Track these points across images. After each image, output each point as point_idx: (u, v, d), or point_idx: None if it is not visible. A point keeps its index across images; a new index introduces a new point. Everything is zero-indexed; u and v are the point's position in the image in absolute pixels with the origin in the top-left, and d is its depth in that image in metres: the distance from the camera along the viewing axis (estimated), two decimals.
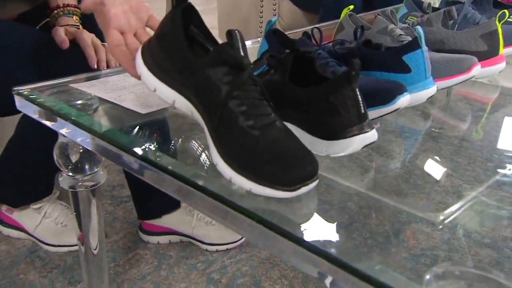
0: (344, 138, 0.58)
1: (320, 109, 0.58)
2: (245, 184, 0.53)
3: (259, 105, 0.55)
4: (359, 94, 0.57)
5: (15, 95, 0.79)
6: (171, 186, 0.58)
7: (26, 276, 1.10)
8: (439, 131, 1.03)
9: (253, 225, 0.50)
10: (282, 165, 0.51)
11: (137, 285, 1.07)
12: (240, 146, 0.53)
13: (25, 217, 1.19)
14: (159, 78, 0.62)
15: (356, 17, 0.92)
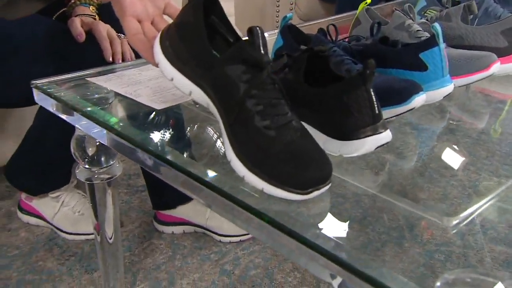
0: (357, 139, 0.57)
1: (334, 109, 0.58)
2: (257, 183, 0.53)
3: (276, 105, 0.55)
4: (374, 94, 0.57)
5: (34, 88, 0.80)
6: (184, 184, 0.58)
7: (45, 263, 1.12)
8: (456, 123, 1.02)
9: (263, 225, 0.51)
10: (296, 168, 0.51)
11: (151, 274, 1.09)
12: (255, 145, 0.54)
13: (43, 205, 1.22)
14: (177, 68, 0.62)
15: (373, 12, 0.90)
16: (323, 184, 0.52)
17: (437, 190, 1.32)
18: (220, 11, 0.64)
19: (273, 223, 0.49)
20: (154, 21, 0.71)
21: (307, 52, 0.61)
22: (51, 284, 1.06)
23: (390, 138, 0.59)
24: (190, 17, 0.61)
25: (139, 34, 0.68)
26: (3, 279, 1.07)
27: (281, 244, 0.50)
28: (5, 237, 1.21)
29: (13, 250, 1.16)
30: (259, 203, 0.52)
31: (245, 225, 0.54)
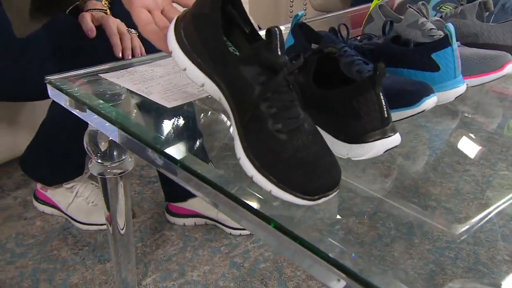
0: (365, 142, 0.57)
1: (343, 112, 0.58)
2: (266, 185, 0.54)
3: (289, 108, 0.55)
4: (383, 98, 0.56)
5: (47, 84, 0.81)
6: (192, 184, 0.59)
7: (59, 252, 1.15)
8: (472, 116, 1.00)
9: (268, 228, 0.51)
10: (305, 175, 0.51)
11: (162, 266, 1.11)
12: (265, 148, 0.54)
13: (58, 195, 1.24)
14: (190, 59, 0.61)
15: (386, 8, 0.89)
16: (331, 191, 0.52)
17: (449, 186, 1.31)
18: (237, 1, 0.63)
19: (279, 227, 0.50)
20: (164, 10, 0.70)
21: (317, 53, 0.61)
22: (65, 273, 1.08)
23: (399, 142, 0.59)
24: (207, 8, 0.60)
25: (151, 24, 0.67)
26: (19, 267, 1.10)
27: (285, 247, 0.51)
28: (21, 226, 1.24)
29: (29, 239, 1.19)
30: (265, 206, 0.53)
31: (251, 227, 0.54)
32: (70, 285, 1.05)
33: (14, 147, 1.28)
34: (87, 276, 1.08)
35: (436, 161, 1.23)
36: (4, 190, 1.38)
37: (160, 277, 1.08)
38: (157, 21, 0.68)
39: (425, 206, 1.36)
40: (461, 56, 0.77)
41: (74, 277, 1.07)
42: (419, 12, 0.81)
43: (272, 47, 0.54)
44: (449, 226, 0.80)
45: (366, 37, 0.76)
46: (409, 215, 1.22)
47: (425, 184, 1.40)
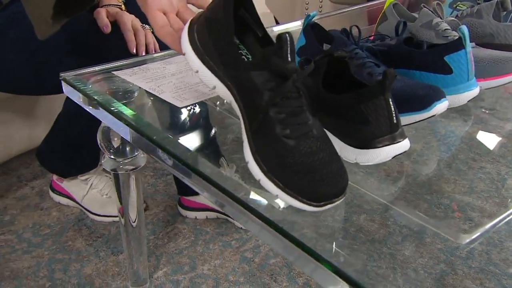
0: (374, 148, 0.57)
1: (351, 117, 0.58)
2: (272, 189, 0.54)
3: (298, 113, 0.55)
4: (392, 103, 0.56)
5: (62, 81, 0.82)
6: (200, 186, 0.60)
7: (74, 243, 1.17)
8: (489, 112, 0.99)
9: (272, 233, 0.52)
10: (311, 182, 0.52)
11: (174, 259, 1.13)
12: (273, 153, 0.54)
13: (73, 187, 1.27)
14: (203, 62, 0.62)
15: (401, 7, 0.88)
16: (337, 198, 0.52)
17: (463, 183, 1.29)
18: (250, 4, 0.63)
19: (283, 232, 0.50)
20: (179, 12, 0.71)
21: (327, 57, 0.61)
22: (80, 264, 1.11)
23: (407, 148, 0.59)
24: (220, 13, 0.61)
25: (166, 26, 0.68)
26: (36, 257, 1.13)
27: (289, 251, 0.51)
28: (38, 216, 1.27)
29: (45, 229, 1.22)
30: (271, 210, 0.53)
31: (256, 229, 0.55)
32: (84, 275, 1.08)
33: (31, 139, 1.31)
34: (100, 268, 1.10)
35: (450, 158, 1.21)
36: (22, 180, 1.41)
37: (171, 270, 1.09)
38: (172, 23, 0.69)
39: (437, 204, 1.35)
40: (475, 58, 0.76)
41: (88, 268, 1.10)
42: (433, 12, 0.80)
43: (283, 54, 0.54)
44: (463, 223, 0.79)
45: (378, 37, 0.76)
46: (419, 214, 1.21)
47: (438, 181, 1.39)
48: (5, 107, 1.21)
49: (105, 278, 1.07)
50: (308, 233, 0.51)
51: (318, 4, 1.98)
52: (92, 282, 1.06)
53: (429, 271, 0.84)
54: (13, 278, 1.07)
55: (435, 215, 1.36)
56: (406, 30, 0.80)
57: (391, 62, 0.72)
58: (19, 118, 1.27)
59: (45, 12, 0.79)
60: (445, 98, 0.64)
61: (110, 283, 1.06)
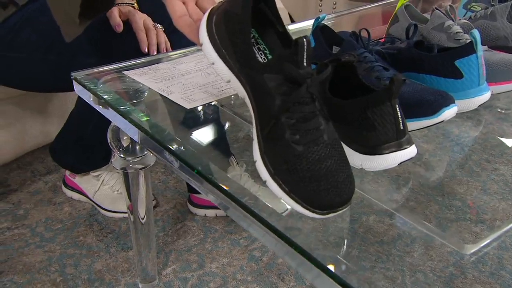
0: (380, 154, 0.57)
1: (357, 122, 0.58)
2: (277, 192, 0.54)
3: (309, 119, 0.54)
4: (399, 110, 0.56)
5: (73, 80, 0.83)
6: (206, 189, 0.60)
7: (85, 238, 1.19)
8: (505, 112, 0.98)
9: (276, 239, 0.52)
10: (317, 189, 0.51)
11: (183, 256, 1.13)
12: (281, 157, 0.54)
13: (85, 182, 1.28)
14: (219, 55, 0.62)
15: (413, 9, 0.87)
16: (342, 207, 0.52)
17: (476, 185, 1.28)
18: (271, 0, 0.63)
19: (286, 239, 0.51)
20: (198, 1, 0.70)
21: (334, 62, 0.60)
22: (90, 259, 1.13)
23: (414, 154, 0.58)
24: (239, 8, 0.60)
25: (185, 16, 0.67)
26: (48, 251, 1.15)
27: (291, 257, 0.51)
28: (51, 211, 1.29)
29: (57, 224, 1.24)
30: (274, 216, 0.53)
31: (260, 234, 0.55)
32: (94, 271, 1.09)
33: (45, 134, 1.32)
34: (110, 264, 1.11)
35: (463, 159, 1.20)
36: (36, 175, 1.43)
37: (180, 267, 1.10)
38: (191, 13, 0.68)
39: (449, 206, 1.34)
40: (488, 61, 0.75)
41: (98, 264, 1.11)
42: (446, 14, 0.79)
43: (298, 59, 0.54)
44: (473, 232, 0.79)
45: (389, 40, 0.75)
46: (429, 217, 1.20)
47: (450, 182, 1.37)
48: (19, 103, 1.23)
49: (115, 274, 1.09)
50: (312, 240, 0.51)
51: (332, 1, 1.97)
52: (102, 278, 1.07)
53: (438, 274, 0.84)
54: (26, 272, 1.09)
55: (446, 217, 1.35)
56: (417, 33, 0.79)
57: (401, 66, 0.72)
58: (33, 114, 1.28)
59: (72, 13, 0.80)
60: (454, 103, 0.63)
61: (119, 279, 1.07)
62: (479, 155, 1.22)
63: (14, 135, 1.24)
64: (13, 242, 1.18)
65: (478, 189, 1.35)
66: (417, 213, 0.80)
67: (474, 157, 1.17)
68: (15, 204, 1.31)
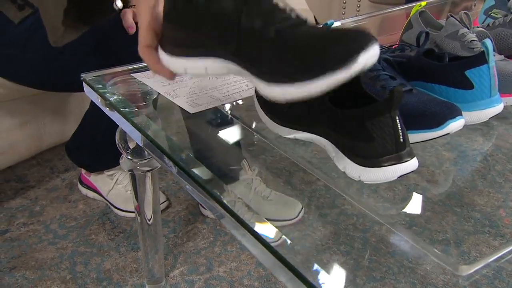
0: (378, 167, 0.55)
1: (356, 133, 0.56)
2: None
3: (280, 10, 0.51)
4: (399, 122, 0.54)
5: (83, 81, 0.84)
6: (201, 197, 0.60)
7: (97, 237, 1.20)
8: None
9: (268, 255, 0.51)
10: (296, 65, 0.49)
11: (191, 258, 1.13)
12: (259, 53, 0.52)
13: (99, 181, 1.30)
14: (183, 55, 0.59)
15: (428, 15, 0.84)
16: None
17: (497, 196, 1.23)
18: None
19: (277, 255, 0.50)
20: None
21: None
22: (100, 258, 1.14)
23: (415, 167, 0.56)
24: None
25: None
26: (60, 248, 1.17)
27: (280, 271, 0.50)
28: (66, 208, 1.31)
29: (71, 221, 1.26)
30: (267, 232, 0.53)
31: (252, 248, 0.54)
32: (103, 270, 1.10)
33: (63, 133, 1.35)
34: (119, 263, 1.12)
35: (486, 169, 1.16)
36: (54, 172, 1.46)
37: (188, 270, 1.10)
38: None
39: (467, 217, 1.30)
40: (503, 71, 0.72)
41: (108, 263, 1.12)
42: (460, 21, 0.76)
43: None
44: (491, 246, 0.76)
45: (399, 48, 0.73)
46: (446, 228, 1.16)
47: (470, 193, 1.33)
48: (36, 102, 1.26)
49: (123, 274, 1.09)
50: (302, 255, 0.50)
51: (356, 4, 1.94)
52: (110, 277, 1.08)
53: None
54: (37, 268, 1.11)
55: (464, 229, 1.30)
56: (430, 40, 0.77)
57: (410, 75, 0.70)
58: (50, 113, 1.31)
59: (56, 20, 0.80)
60: (461, 116, 0.61)
61: (127, 280, 1.08)
62: (503, 165, 1.17)
63: (30, 133, 1.26)
64: (28, 238, 1.20)
65: (500, 201, 1.30)
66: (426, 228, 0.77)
67: (497, 168, 1.13)
68: (32, 200, 1.34)
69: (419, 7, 0.84)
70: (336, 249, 1.12)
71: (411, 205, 0.90)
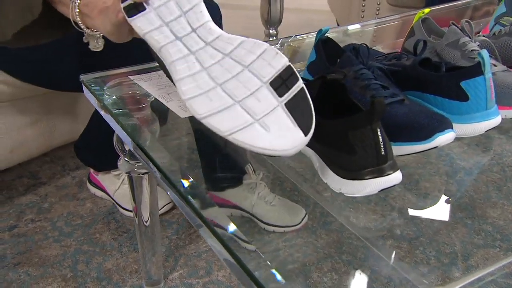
0: (359, 180, 0.54)
1: (338, 145, 0.55)
2: None
3: None
4: (381, 134, 0.52)
5: (82, 83, 0.85)
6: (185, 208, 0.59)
7: (101, 236, 1.22)
8: None
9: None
10: None
11: (191, 261, 1.13)
12: None
13: (107, 180, 1.31)
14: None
15: (431, 22, 0.82)
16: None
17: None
18: None
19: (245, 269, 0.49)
20: None
21: (320, 79, 0.58)
22: (102, 257, 1.15)
23: (398, 181, 0.55)
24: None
25: None
26: (64, 246, 1.19)
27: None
28: (73, 206, 1.33)
29: (77, 220, 1.27)
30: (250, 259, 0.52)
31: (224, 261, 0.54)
32: (104, 270, 1.11)
33: (73, 131, 1.36)
34: (120, 263, 1.13)
35: (502, 180, 1.12)
36: (65, 169, 1.48)
37: (187, 273, 1.10)
38: None
39: (478, 230, 1.25)
40: (504, 83, 0.69)
41: (109, 263, 1.13)
42: (462, 30, 0.73)
43: None
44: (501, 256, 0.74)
45: (396, 56, 0.71)
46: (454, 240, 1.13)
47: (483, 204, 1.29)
48: (48, 101, 1.28)
49: (123, 274, 1.10)
50: None
51: (375, 7, 1.91)
52: (110, 277, 1.09)
53: None
54: (40, 265, 1.13)
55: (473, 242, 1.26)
56: (431, 49, 0.74)
57: (405, 84, 0.68)
58: (61, 112, 1.33)
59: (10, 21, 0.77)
60: (451, 129, 0.59)
61: (126, 280, 1.09)
62: None
63: (41, 132, 1.28)
64: (34, 234, 1.22)
65: None
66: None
67: None
68: (42, 197, 1.36)
69: (422, 14, 0.82)
70: (338, 258, 1.10)
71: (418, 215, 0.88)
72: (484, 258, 1.16)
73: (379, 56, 0.73)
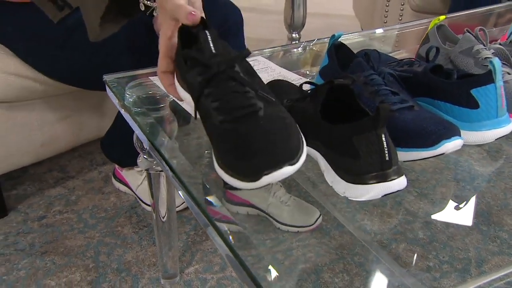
0: (362, 184, 0.55)
1: (344, 149, 0.56)
2: (224, 177, 0.56)
3: (235, 98, 0.57)
4: (385, 140, 0.54)
5: (105, 83, 0.89)
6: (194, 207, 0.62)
7: (122, 229, 1.26)
8: None
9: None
10: (240, 156, 0.53)
11: (207, 257, 1.16)
12: (214, 139, 0.58)
13: (130, 176, 1.35)
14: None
15: (446, 29, 0.82)
16: (276, 168, 0.51)
17: None
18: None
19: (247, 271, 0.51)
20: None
21: (328, 84, 0.59)
22: (122, 250, 1.19)
23: (403, 186, 0.56)
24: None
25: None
26: (88, 237, 1.23)
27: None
28: (98, 199, 1.38)
29: (101, 212, 1.32)
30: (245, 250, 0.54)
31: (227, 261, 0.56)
32: (124, 261, 1.15)
33: (100, 128, 1.41)
34: (139, 256, 1.17)
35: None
36: (93, 164, 1.54)
37: (203, 268, 1.13)
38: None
39: (493, 237, 1.24)
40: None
41: (129, 255, 1.17)
42: (476, 37, 0.73)
43: (203, 50, 0.59)
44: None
45: (407, 62, 0.71)
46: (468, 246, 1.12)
47: (500, 212, 1.27)
48: (78, 99, 1.33)
49: (141, 267, 1.14)
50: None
51: (399, 13, 1.89)
52: (129, 269, 1.13)
53: None
54: (65, 255, 1.18)
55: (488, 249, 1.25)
56: (445, 56, 0.75)
57: (416, 90, 0.68)
58: (90, 109, 1.38)
59: (96, 15, 0.85)
60: (459, 136, 0.59)
61: (144, 272, 1.12)
62: None
63: (70, 128, 1.34)
64: (61, 225, 1.28)
65: None
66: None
67: None
68: (70, 190, 1.42)
69: (438, 21, 0.82)
70: (350, 259, 1.11)
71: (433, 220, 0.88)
72: (497, 265, 1.14)
73: (392, 62, 0.73)
